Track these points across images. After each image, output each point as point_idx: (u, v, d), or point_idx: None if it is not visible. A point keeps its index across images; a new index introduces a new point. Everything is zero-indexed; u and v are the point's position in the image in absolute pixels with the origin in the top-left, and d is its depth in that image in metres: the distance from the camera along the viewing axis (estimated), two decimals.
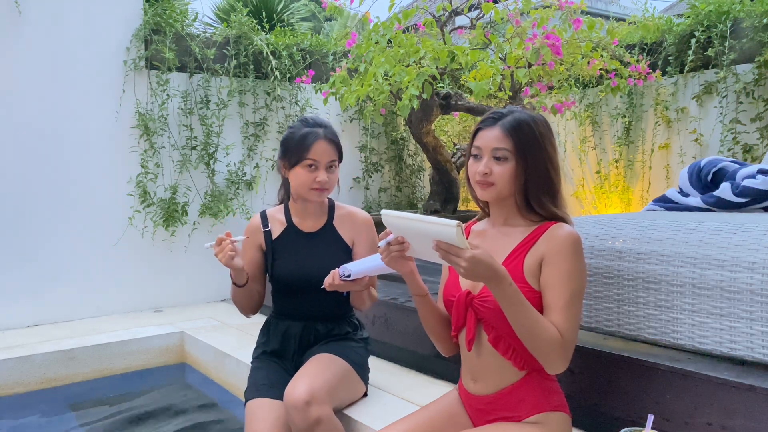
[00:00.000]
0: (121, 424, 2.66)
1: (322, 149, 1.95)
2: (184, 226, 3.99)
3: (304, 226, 2.10)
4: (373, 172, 4.90)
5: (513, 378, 1.50)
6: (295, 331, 2.09)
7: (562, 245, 1.44)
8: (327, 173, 1.97)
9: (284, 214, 2.13)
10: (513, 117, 1.50)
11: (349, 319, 2.17)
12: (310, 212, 2.10)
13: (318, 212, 2.11)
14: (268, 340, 2.14)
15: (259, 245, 2.11)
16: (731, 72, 3.66)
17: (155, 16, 3.81)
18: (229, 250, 1.85)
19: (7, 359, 2.89)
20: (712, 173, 2.53)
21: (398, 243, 1.43)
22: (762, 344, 1.58)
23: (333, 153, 1.98)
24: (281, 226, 2.11)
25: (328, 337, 2.10)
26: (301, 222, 2.11)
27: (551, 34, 3.15)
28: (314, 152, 1.94)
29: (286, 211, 2.13)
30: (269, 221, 2.12)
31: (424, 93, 3.12)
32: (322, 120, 2.03)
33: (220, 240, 1.86)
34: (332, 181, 2.00)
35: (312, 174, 1.95)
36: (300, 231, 2.10)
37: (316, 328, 2.09)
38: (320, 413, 1.75)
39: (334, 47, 4.62)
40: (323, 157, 1.95)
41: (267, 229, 2.10)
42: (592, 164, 4.63)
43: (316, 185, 1.95)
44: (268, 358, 2.11)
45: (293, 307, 2.11)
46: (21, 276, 3.49)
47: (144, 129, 3.81)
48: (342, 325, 2.13)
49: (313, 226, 2.10)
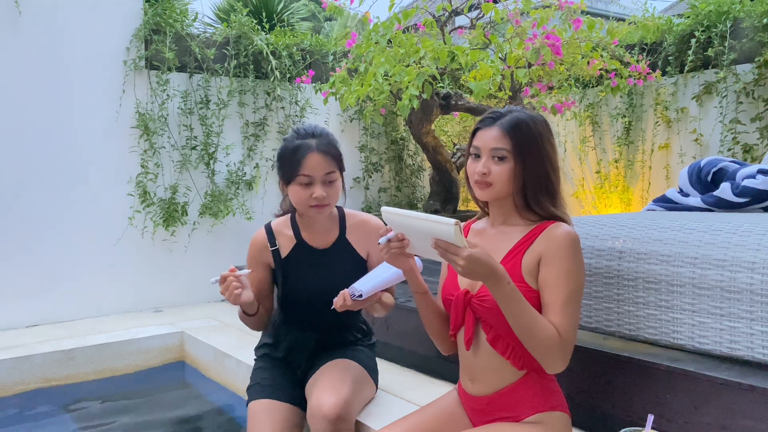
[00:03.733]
0: (121, 424, 2.66)
1: (315, 163, 1.78)
2: (184, 226, 3.99)
3: (315, 242, 1.95)
4: (373, 172, 4.90)
5: (512, 378, 1.50)
6: (306, 344, 2.01)
7: (560, 244, 1.44)
8: (325, 188, 1.81)
9: (292, 229, 1.97)
10: (512, 117, 1.50)
11: (358, 325, 2.11)
12: (319, 226, 1.95)
13: (328, 225, 1.96)
14: (276, 347, 2.05)
15: (267, 264, 1.97)
16: (731, 72, 3.66)
17: (155, 16, 3.81)
18: (234, 288, 1.70)
19: (7, 359, 2.89)
20: (712, 173, 2.53)
21: (398, 240, 1.43)
22: (762, 344, 1.58)
23: (329, 165, 1.81)
24: (290, 242, 1.95)
25: (338, 345, 2.04)
26: (311, 237, 1.95)
27: (551, 34, 3.15)
28: (307, 167, 1.78)
29: (294, 225, 1.97)
30: (276, 237, 1.96)
31: (424, 93, 3.12)
32: (315, 129, 1.87)
33: (224, 277, 1.71)
34: (332, 195, 1.83)
35: (308, 190, 1.80)
36: (311, 248, 1.94)
37: (326, 337, 2.03)
38: (348, 428, 1.75)
39: (334, 47, 4.61)
40: (317, 171, 1.79)
41: (275, 248, 1.95)
42: (592, 164, 4.62)
43: (314, 202, 1.80)
44: (273, 359, 2.05)
45: (303, 320, 2.01)
46: (21, 276, 3.49)
47: (144, 129, 3.81)
48: (352, 332, 2.08)
49: (324, 242, 1.95)
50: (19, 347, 3.05)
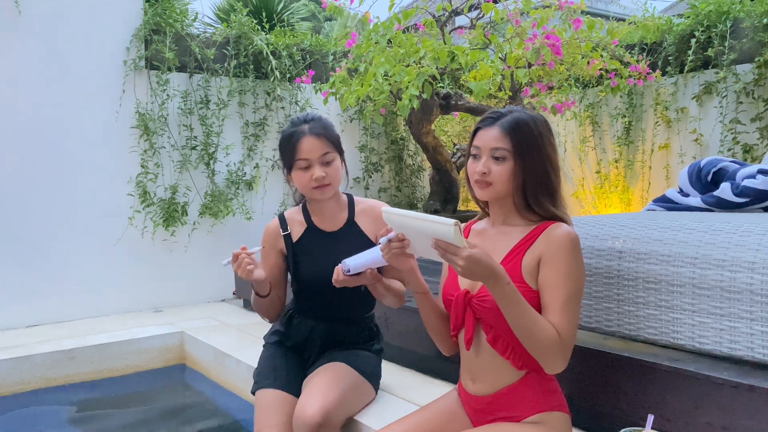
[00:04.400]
0: (121, 424, 2.66)
1: (309, 146, 1.88)
2: (184, 226, 3.99)
3: (325, 226, 2.03)
4: (373, 172, 4.90)
5: (512, 378, 1.50)
6: (318, 333, 2.04)
7: (560, 245, 1.44)
8: (323, 168, 1.90)
9: (303, 215, 2.06)
10: (512, 117, 1.50)
11: (368, 324, 2.13)
12: (328, 211, 2.03)
13: (336, 210, 2.04)
14: (289, 335, 2.07)
15: (280, 250, 2.04)
16: (731, 72, 3.66)
17: (155, 16, 3.81)
18: (246, 264, 1.77)
19: (7, 359, 2.89)
20: (712, 173, 2.53)
21: (399, 240, 1.44)
22: (762, 344, 1.58)
23: (323, 146, 1.90)
24: (301, 227, 2.04)
25: (346, 342, 2.06)
26: (321, 221, 2.04)
27: (551, 34, 3.15)
28: (302, 151, 1.88)
29: (305, 211, 2.07)
30: (288, 224, 2.05)
31: (424, 93, 3.12)
32: (308, 115, 1.97)
33: (236, 255, 1.79)
34: (332, 174, 1.92)
35: (307, 173, 1.90)
36: (322, 231, 2.03)
37: (338, 330, 2.05)
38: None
39: (334, 47, 4.61)
40: (313, 153, 1.89)
41: (287, 233, 2.03)
42: (592, 164, 4.62)
43: (315, 183, 1.89)
44: (284, 348, 2.07)
45: (316, 308, 2.05)
46: (21, 276, 3.49)
47: (144, 129, 3.81)
48: (362, 330, 2.10)
49: (334, 225, 2.03)
50: (19, 347, 3.05)
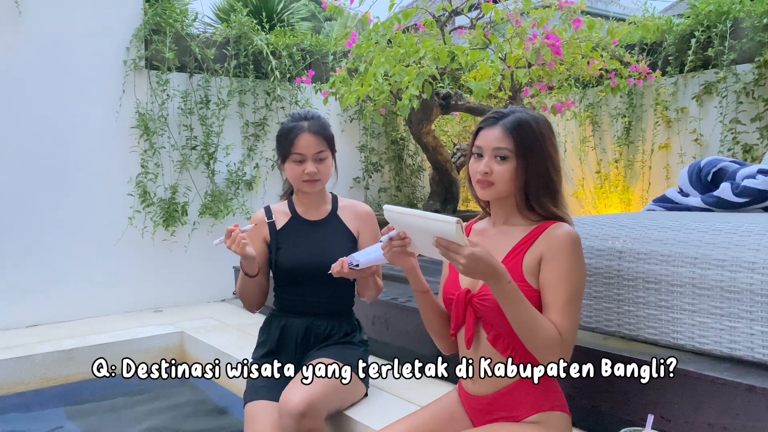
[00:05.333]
0: (121, 423, 2.66)
1: (306, 142, 2.00)
2: (184, 226, 3.99)
3: (309, 215, 2.15)
4: (373, 172, 4.90)
5: (512, 378, 1.50)
6: (296, 328, 2.10)
7: (561, 244, 1.44)
8: (316, 164, 2.02)
9: (288, 207, 2.18)
10: (514, 117, 1.50)
11: (348, 318, 2.18)
12: (313, 203, 2.15)
13: (321, 202, 2.16)
14: (268, 338, 2.14)
15: (264, 237, 2.14)
16: (731, 72, 3.66)
17: (155, 16, 3.81)
18: (240, 239, 1.88)
19: (7, 359, 2.89)
20: (712, 173, 2.53)
21: (400, 238, 1.44)
22: (762, 344, 1.58)
23: (319, 144, 2.02)
24: (285, 217, 2.15)
25: (328, 337, 2.10)
26: (305, 212, 2.15)
27: (551, 34, 3.14)
28: (299, 146, 2.00)
29: (290, 203, 2.19)
30: (273, 213, 2.16)
31: (424, 93, 3.12)
32: (308, 113, 2.08)
33: (230, 231, 1.89)
34: (323, 171, 2.04)
35: (300, 167, 2.01)
36: (305, 220, 2.14)
37: (317, 324, 2.10)
38: (313, 426, 1.76)
39: (334, 47, 4.61)
40: (308, 149, 2.00)
41: (271, 221, 2.14)
42: (592, 164, 4.63)
43: (306, 177, 2.01)
44: (267, 360, 2.11)
45: (295, 301, 2.12)
46: (21, 276, 3.49)
47: (144, 129, 3.81)
48: (342, 325, 2.13)
49: (317, 215, 2.15)
50: (19, 347, 3.05)
